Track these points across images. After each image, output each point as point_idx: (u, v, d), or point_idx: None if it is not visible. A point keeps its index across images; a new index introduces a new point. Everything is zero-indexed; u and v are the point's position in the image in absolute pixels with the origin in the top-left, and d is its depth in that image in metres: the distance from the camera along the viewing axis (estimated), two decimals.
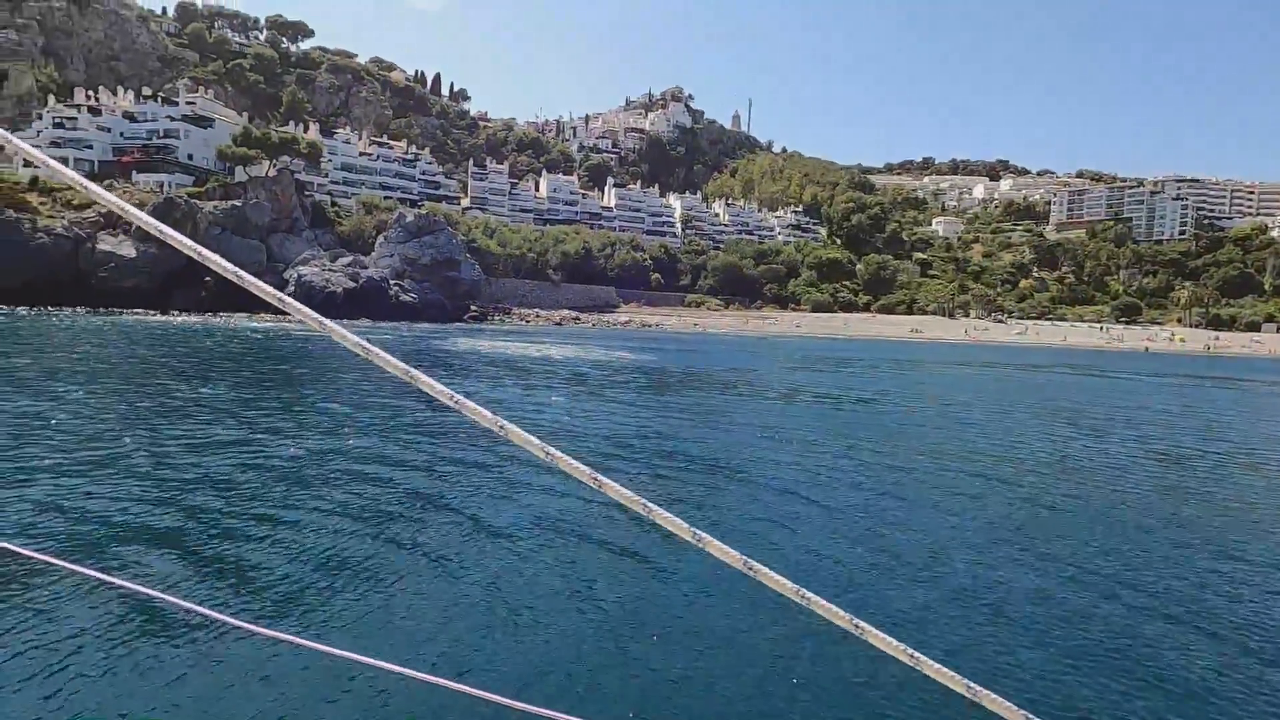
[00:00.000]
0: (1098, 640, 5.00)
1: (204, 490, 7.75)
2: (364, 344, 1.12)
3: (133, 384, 16.31)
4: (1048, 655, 4.71)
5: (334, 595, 5.09)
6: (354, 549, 6.07)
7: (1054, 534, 7.47)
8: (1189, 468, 11.62)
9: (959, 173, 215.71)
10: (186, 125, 79.18)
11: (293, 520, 6.77)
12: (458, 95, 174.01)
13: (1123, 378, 33.78)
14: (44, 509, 6.82)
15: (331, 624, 4.60)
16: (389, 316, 59.35)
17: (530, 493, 8.03)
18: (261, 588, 5.14)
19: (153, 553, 5.81)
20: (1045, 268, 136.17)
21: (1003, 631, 5.01)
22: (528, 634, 4.62)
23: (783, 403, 18.40)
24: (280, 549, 5.99)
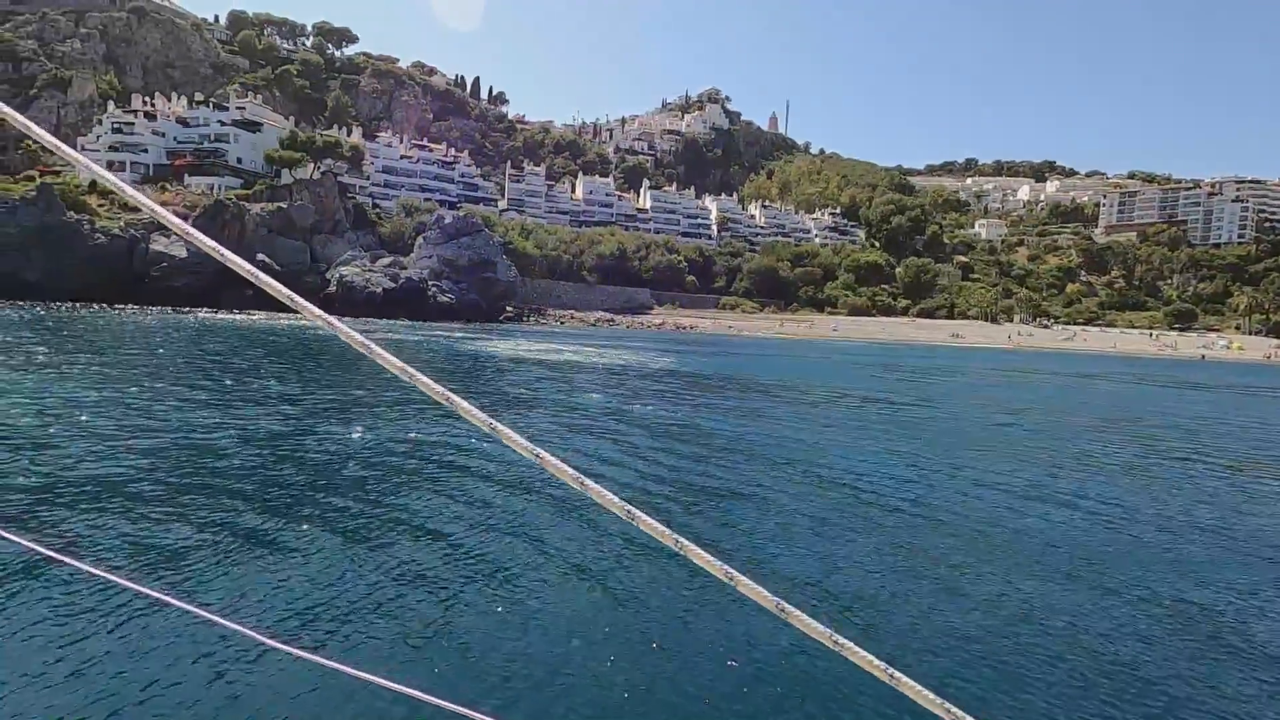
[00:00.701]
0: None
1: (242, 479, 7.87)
2: (368, 344, 1.14)
3: (186, 376, 16.80)
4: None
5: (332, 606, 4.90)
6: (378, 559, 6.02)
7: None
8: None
9: (1003, 174, 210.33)
10: (236, 130, 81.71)
11: (308, 530, 6.77)
12: (496, 98, 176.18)
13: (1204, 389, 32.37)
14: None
15: (349, 640, 4.45)
16: (427, 317, 60.29)
17: (562, 519, 7.36)
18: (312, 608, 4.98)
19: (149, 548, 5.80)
20: (1094, 272, 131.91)
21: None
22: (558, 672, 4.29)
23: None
24: (299, 560, 5.96)
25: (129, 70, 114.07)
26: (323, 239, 69.19)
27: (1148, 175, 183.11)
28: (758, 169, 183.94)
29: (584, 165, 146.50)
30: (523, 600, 5.15)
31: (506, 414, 14.00)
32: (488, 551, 6.13)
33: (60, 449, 8.95)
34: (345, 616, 4.75)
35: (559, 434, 12.05)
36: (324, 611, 4.80)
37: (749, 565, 6.19)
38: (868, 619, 5.26)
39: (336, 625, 4.63)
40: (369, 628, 4.61)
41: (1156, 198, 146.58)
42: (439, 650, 4.37)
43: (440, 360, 26.05)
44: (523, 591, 5.30)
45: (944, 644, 4.90)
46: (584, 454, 10.46)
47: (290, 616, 4.68)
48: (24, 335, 24.89)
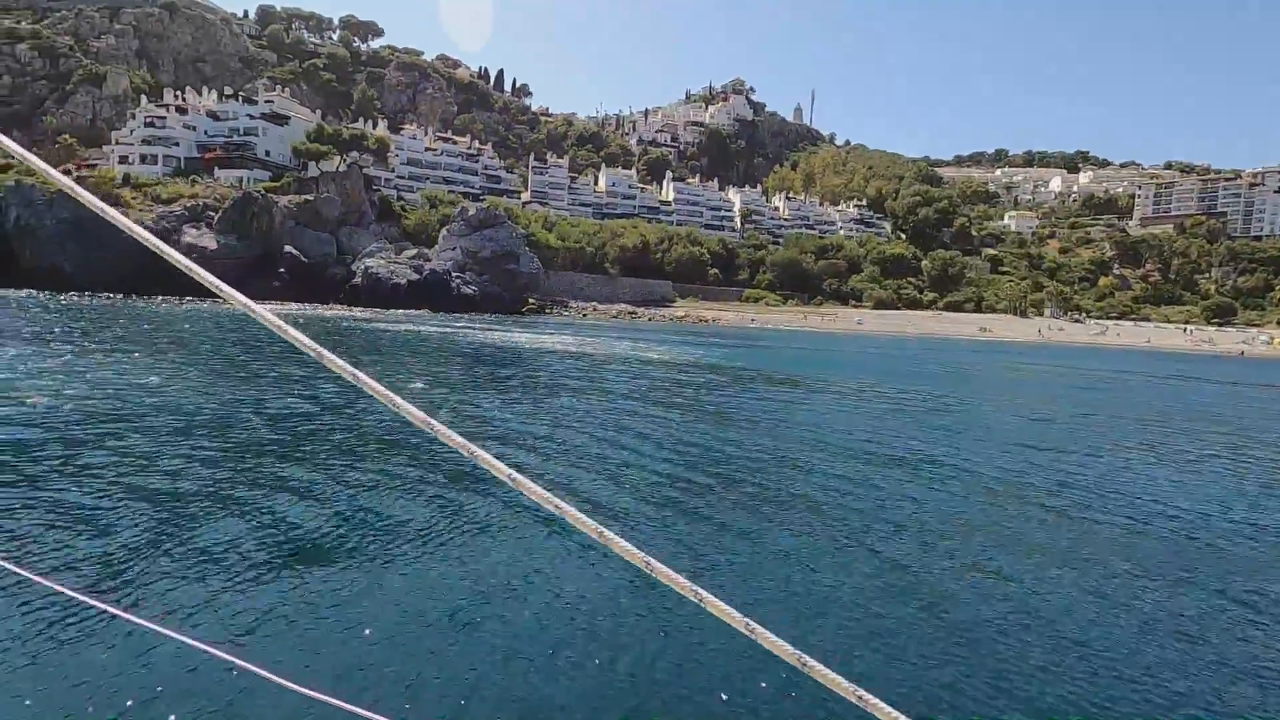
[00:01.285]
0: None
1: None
2: (284, 326, 1.14)
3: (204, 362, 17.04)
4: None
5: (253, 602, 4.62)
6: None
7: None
8: None
9: (1034, 165, 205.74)
10: (265, 123, 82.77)
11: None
12: (520, 91, 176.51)
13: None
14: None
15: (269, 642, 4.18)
16: (450, 308, 60.69)
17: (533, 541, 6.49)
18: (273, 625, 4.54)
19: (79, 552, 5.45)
20: (1127, 265, 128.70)
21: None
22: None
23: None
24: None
25: (161, 65, 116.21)
26: (349, 231, 69.91)
27: (1186, 166, 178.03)
28: (782, 160, 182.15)
29: (607, 157, 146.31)
30: (478, 618, 4.71)
31: (519, 405, 13.95)
32: (469, 574, 5.51)
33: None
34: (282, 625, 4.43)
35: (589, 435, 11.95)
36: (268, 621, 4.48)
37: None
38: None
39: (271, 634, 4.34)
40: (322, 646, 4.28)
41: (1195, 189, 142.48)
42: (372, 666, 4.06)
43: (465, 351, 26.14)
44: (487, 611, 4.84)
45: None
46: (614, 455, 10.34)
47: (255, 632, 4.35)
48: (77, 324, 25.43)
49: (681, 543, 6.42)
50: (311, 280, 60.43)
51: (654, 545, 6.23)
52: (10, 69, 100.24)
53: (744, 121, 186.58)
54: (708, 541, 6.50)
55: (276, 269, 59.66)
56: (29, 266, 51.23)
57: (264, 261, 59.82)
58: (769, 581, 5.72)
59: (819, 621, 5.01)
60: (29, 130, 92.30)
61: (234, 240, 59.77)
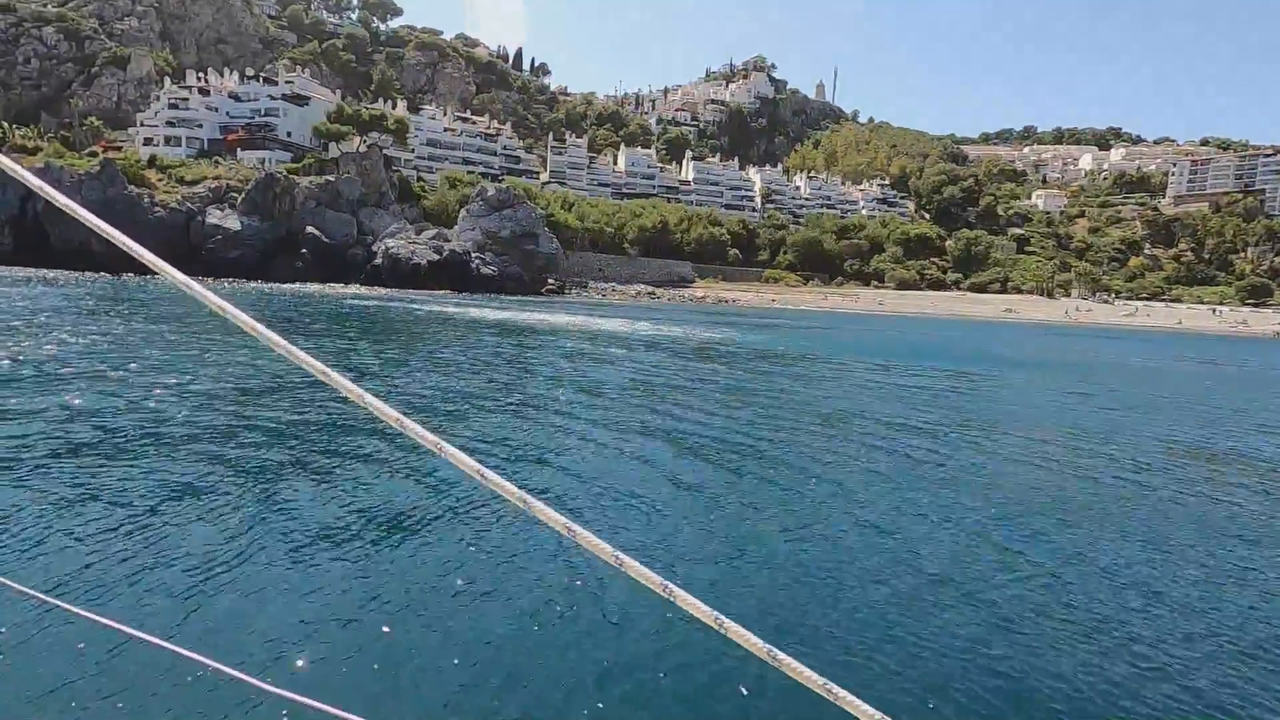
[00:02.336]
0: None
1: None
2: (226, 306, 1.13)
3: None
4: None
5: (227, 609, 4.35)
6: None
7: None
8: None
9: (1064, 142, 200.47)
10: (286, 104, 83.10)
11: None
12: (538, 70, 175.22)
13: None
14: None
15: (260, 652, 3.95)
16: (470, 288, 60.87)
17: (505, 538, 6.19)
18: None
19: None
20: (1159, 245, 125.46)
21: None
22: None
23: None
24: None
25: (183, 46, 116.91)
26: (369, 212, 70.18)
27: (1222, 142, 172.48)
28: (804, 139, 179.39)
29: (626, 137, 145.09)
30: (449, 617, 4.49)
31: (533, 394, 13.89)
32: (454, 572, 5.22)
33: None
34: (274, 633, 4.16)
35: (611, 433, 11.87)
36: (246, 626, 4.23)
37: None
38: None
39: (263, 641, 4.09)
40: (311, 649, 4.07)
41: (1231, 165, 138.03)
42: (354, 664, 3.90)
43: (490, 333, 26.18)
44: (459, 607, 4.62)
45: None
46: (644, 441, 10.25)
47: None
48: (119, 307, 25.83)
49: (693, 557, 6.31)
50: (333, 261, 60.87)
51: (666, 560, 6.14)
52: (38, 52, 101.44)
53: (765, 99, 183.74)
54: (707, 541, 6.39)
55: (298, 250, 60.15)
56: (59, 247, 52.11)
57: (286, 242, 60.34)
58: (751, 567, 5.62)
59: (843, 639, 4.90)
60: (57, 113, 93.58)
61: (257, 221, 60.30)
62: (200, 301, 1.13)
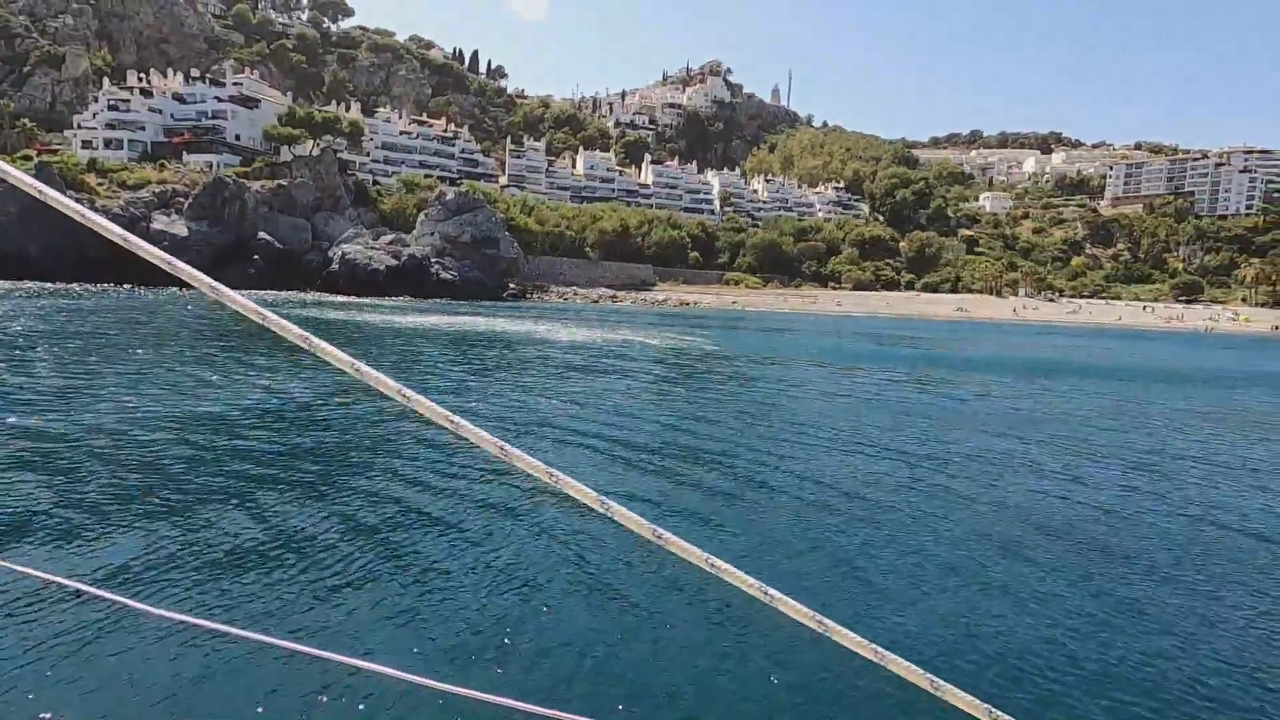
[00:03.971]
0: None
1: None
2: (263, 312, 1.10)
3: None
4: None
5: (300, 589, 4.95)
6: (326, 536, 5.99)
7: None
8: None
9: (1008, 146, 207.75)
10: (234, 106, 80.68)
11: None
12: (495, 73, 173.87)
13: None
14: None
15: (318, 624, 4.47)
16: (429, 294, 60.05)
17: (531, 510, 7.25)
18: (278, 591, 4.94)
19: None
20: (1099, 245, 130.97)
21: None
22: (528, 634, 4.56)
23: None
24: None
25: (123, 45, 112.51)
26: (324, 217, 68.66)
27: (1155, 146, 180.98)
28: (760, 142, 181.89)
29: (584, 140, 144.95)
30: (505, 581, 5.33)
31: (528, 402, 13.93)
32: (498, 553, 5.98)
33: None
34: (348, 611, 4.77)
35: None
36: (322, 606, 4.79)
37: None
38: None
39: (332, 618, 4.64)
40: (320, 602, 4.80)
41: (1164, 169, 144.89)
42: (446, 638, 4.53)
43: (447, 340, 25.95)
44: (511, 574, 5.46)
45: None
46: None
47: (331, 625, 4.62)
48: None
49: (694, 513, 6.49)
50: (287, 267, 59.34)
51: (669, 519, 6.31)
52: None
53: (722, 103, 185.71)
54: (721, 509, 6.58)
55: (250, 256, 58.47)
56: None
57: (237, 249, 58.57)
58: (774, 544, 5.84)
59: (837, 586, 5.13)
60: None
61: (205, 227, 58.38)
62: (239, 311, 1.10)
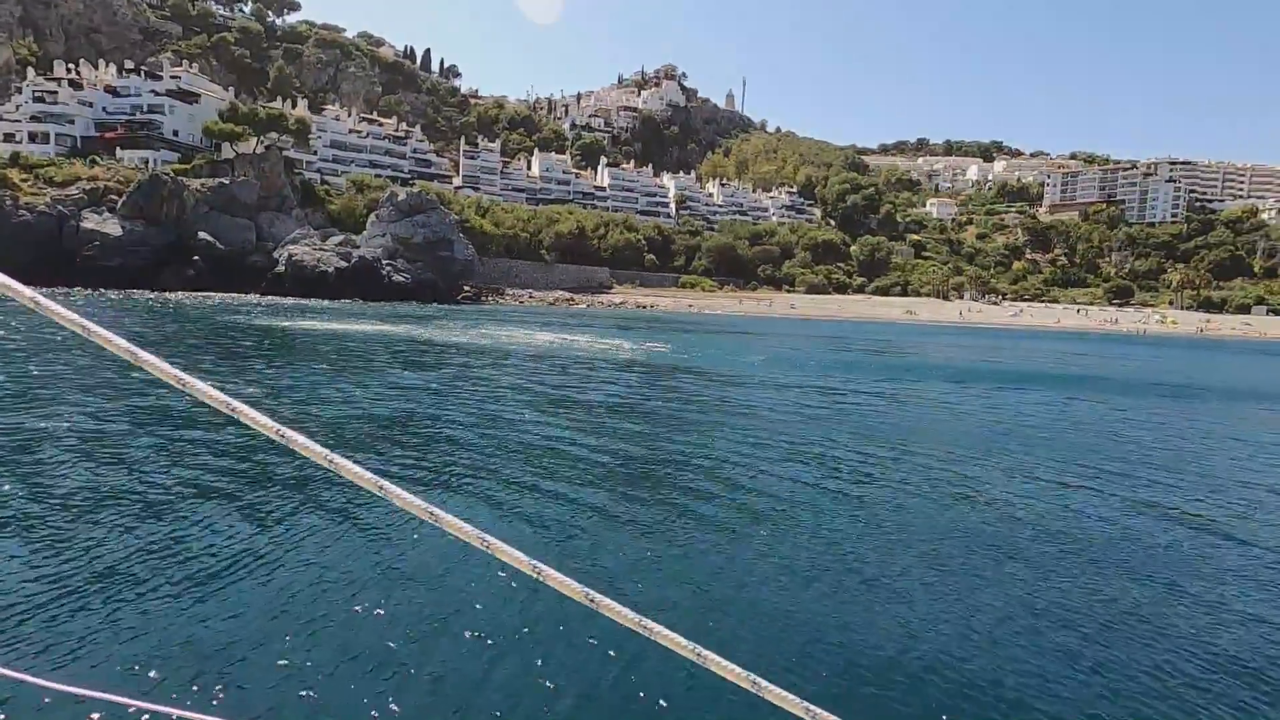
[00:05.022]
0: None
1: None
2: (85, 323, 0.98)
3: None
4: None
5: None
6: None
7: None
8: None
9: (953, 154, 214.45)
10: (171, 100, 77.41)
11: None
12: (448, 72, 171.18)
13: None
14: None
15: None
16: (381, 297, 58.59)
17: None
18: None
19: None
20: (1038, 249, 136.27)
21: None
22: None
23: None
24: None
25: (49, 34, 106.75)
26: (269, 216, 66.35)
27: (1089, 156, 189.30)
28: (715, 147, 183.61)
29: (540, 142, 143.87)
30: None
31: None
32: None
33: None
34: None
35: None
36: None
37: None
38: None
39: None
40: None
41: (1097, 178, 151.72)
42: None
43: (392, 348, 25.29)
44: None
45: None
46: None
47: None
48: None
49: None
50: (230, 269, 57.10)
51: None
52: None
53: (677, 107, 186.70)
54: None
55: (190, 257, 56.10)
56: None
57: (176, 249, 56.15)
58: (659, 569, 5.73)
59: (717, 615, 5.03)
60: None
61: (141, 226, 55.78)
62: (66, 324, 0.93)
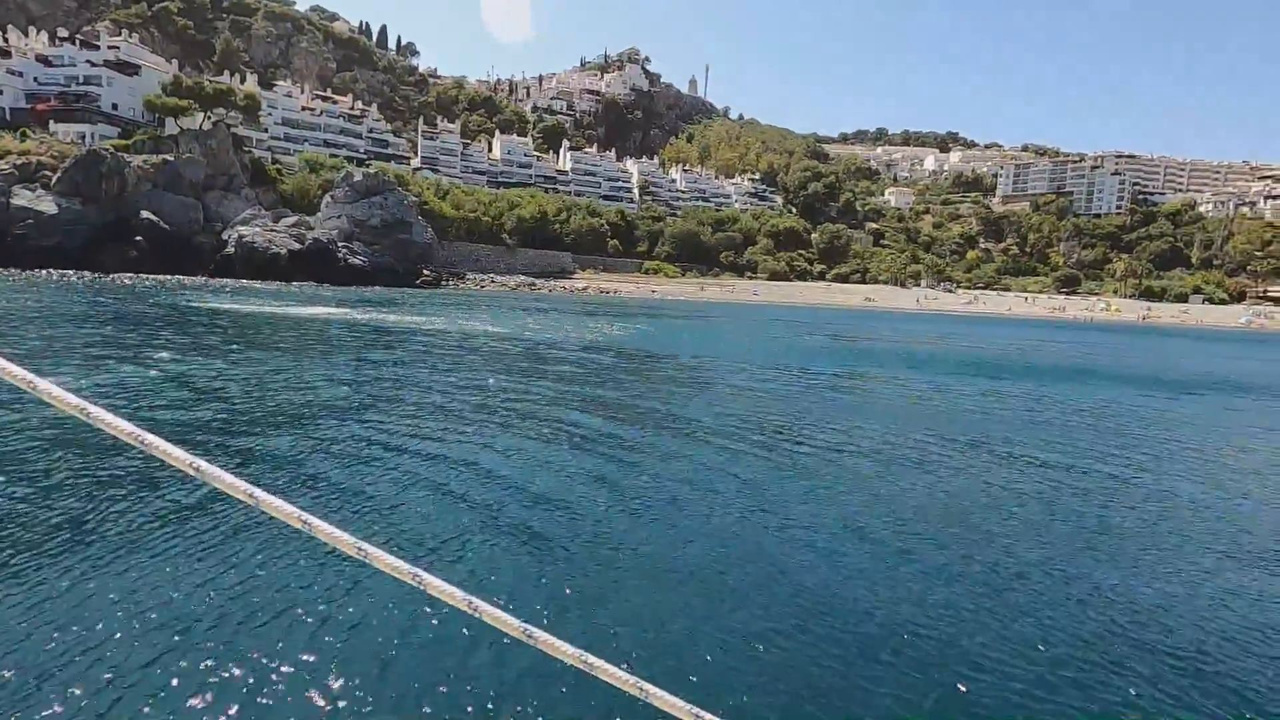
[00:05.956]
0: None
1: None
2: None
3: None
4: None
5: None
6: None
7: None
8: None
9: (910, 144, 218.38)
10: (109, 72, 73.55)
11: None
12: (405, 49, 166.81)
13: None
14: None
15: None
16: (338, 280, 56.96)
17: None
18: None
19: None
20: (991, 239, 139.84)
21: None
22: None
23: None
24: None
25: None
26: (217, 195, 63.81)
27: (1039, 148, 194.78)
28: (678, 132, 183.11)
29: (501, 124, 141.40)
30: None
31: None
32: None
33: None
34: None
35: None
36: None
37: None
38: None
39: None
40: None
41: (1047, 170, 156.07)
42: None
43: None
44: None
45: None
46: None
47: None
48: None
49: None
50: (175, 250, 54.75)
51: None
52: None
53: (640, 92, 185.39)
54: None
55: (132, 237, 53.56)
56: None
57: (117, 228, 53.52)
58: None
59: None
60: None
61: (79, 204, 52.96)
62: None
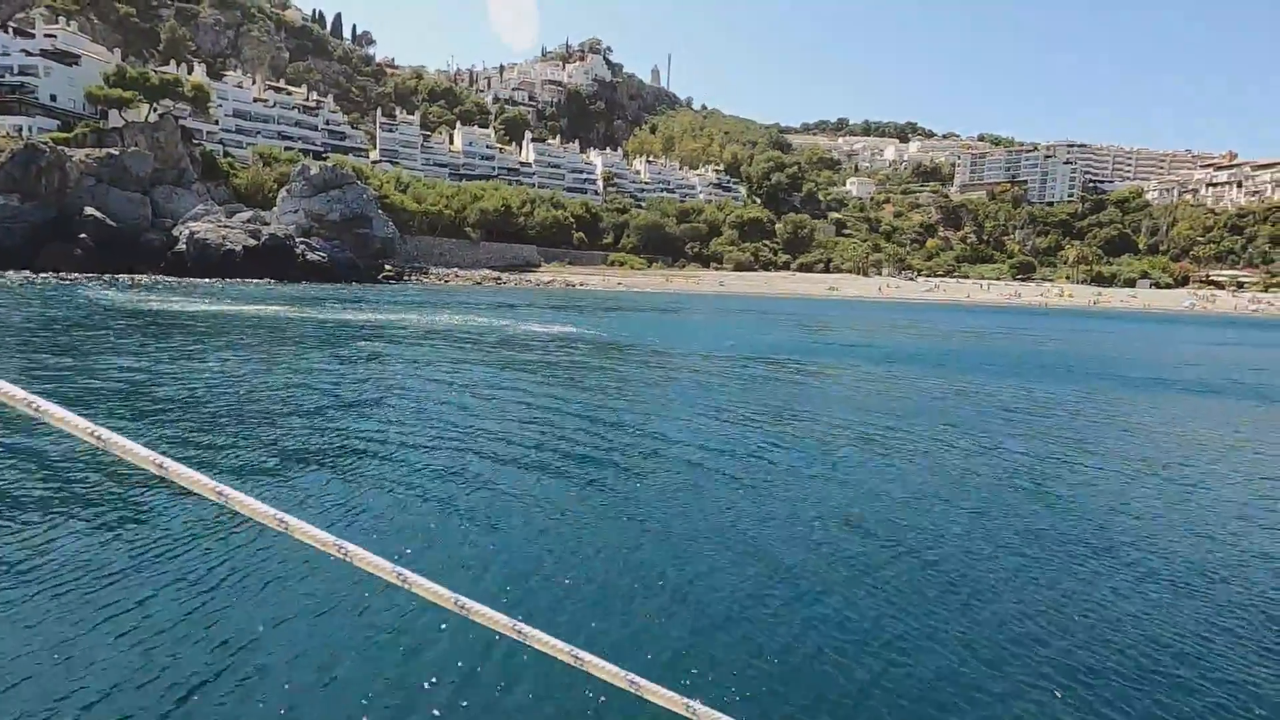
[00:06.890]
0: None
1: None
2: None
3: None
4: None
5: None
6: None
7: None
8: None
9: (871, 134, 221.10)
10: (47, 62, 70.31)
11: None
12: (361, 38, 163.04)
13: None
14: None
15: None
16: (296, 277, 55.63)
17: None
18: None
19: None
20: (950, 228, 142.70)
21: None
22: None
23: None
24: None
25: None
26: (166, 191, 61.66)
27: (995, 138, 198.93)
28: (641, 123, 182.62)
29: (461, 115, 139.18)
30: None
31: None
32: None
33: None
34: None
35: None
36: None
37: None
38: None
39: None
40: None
41: (1003, 159, 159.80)
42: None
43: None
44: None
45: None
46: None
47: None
48: None
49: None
50: (122, 247, 52.76)
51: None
52: None
53: (603, 82, 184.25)
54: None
55: (76, 235, 51.47)
56: None
57: (58, 226, 51.34)
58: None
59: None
60: None
61: (16, 201, 50.65)
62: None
